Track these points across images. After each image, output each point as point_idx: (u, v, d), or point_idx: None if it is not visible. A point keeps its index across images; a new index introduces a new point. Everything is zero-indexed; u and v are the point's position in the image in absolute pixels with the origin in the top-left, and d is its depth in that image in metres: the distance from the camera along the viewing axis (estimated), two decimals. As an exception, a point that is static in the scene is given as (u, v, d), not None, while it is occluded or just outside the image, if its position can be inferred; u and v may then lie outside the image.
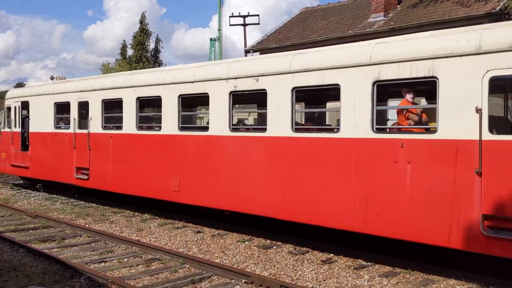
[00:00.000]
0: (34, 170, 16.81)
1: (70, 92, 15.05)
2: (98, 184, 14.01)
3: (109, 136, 13.47)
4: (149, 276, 8.01)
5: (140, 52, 54.00)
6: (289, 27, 24.17)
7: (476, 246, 6.87)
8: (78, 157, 14.60)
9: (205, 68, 11.33)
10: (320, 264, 8.63)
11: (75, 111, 14.81)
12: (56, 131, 15.64)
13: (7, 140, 18.40)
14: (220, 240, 10.47)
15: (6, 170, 18.81)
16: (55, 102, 15.66)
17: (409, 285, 7.50)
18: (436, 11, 18.04)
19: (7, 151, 18.43)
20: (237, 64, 10.61)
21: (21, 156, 17.40)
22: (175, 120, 11.60)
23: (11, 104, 18.08)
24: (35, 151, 16.68)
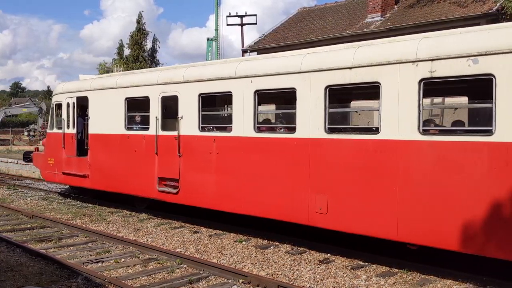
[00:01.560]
0: (95, 179, 13.97)
1: (150, 85, 12.27)
2: (193, 199, 11.25)
3: (211, 140, 10.71)
4: (146, 276, 8.01)
5: (137, 52, 53.86)
6: (286, 27, 24.19)
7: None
8: (161, 165, 11.85)
9: (375, 48, 8.43)
10: (318, 264, 8.64)
11: (157, 108, 12.00)
12: (128, 133, 12.82)
13: (57, 143, 15.37)
14: (217, 240, 10.47)
15: (56, 179, 15.76)
16: (126, 98, 12.88)
17: (406, 285, 7.51)
18: (433, 11, 18.07)
19: (56, 156, 15.42)
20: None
21: (76, 162, 14.56)
22: (318, 119, 8.84)
23: (63, 100, 15.27)
24: (96, 157, 13.92)
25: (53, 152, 15.62)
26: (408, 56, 7.62)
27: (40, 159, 16.62)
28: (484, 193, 6.85)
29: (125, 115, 12.98)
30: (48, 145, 16.21)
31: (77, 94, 14.77)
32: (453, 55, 7.14)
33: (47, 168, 15.91)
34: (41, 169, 16.60)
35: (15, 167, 26.57)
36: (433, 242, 7.38)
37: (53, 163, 15.56)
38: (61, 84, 16.03)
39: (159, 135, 11.96)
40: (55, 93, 16.07)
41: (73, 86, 15.27)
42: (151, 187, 12.17)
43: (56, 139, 15.51)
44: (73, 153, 14.73)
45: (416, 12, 18.78)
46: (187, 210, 12.43)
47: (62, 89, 15.66)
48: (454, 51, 7.15)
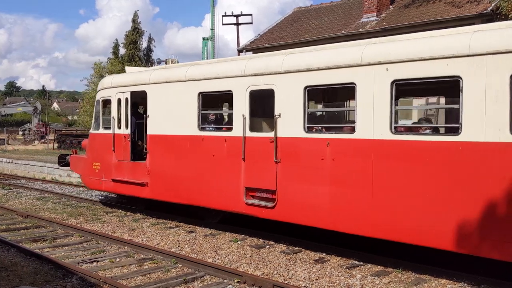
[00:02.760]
0: (157, 189, 11.86)
1: (233, 76, 10.28)
2: (297, 216, 9.17)
3: (323, 143, 8.68)
4: (141, 276, 8.00)
5: (133, 51, 53.70)
6: (282, 27, 24.20)
7: None
8: (250, 173, 9.85)
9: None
10: (313, 264, 8.65)
11: (243, 105, 9.99)
12: (203, 134, 10.79)
13: (105, 145, 13.28)
14: (212, 239, 10.46)
15: (103, 186, 13.57)
16: (200, 93, 10.85)
17: (401, 284, 7.53)
18: (428, 11, 18.13)
19: (104, 160, 13.39)
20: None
21: (131, 168, 12.54)
22: (502, 116, 6.78)
23: (112, 96, 13.20)
24: (158, 162, 11.80)
25: (99, 156, 13.55)
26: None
27: (81, 164, 14.58)
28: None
29: (198, 113, 10.89)
30: (92, 147, 14.04)
31: (131, 88, 12.64)
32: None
33: (91, 174, 13.81)
34: (83, 175, 14.48)
35: (10, 166, 26.48)
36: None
37: (99, 169, 13.48)
38: (110, 77, 13.98)
39: (247, 137, 9.90)
40: (102, 88, 13.80)
41: (127, 79, 13.08)
42: (235, 199, 10.09)
43: (103, 141, 13.40)
44: (126, 157, 12.69)
45: (411, 12, 18.84)
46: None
47: (111, 82, 13.40)
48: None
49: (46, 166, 23.81)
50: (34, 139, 52.49)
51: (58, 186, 19.84)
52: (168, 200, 11.81)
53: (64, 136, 40.95)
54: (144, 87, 12.29)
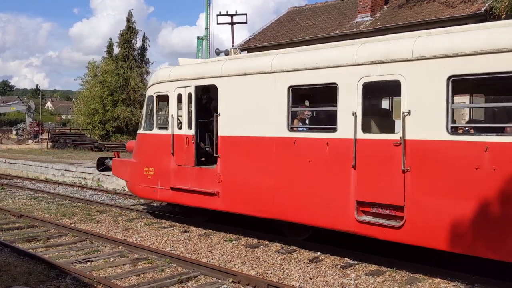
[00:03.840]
0: (231, 199, 10.09)
1: (339, 66, 8.45)
2: (438, 240, 7.32)
3: (479, 148, 6.89)
4: (135, 276, 7.98)
5: (127, 50, 53.63)
6: (276, 27, 24.20)
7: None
8: (364, 184, 8.08)
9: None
10: (307, 263, 8.66)
11: (353, 100, 8.22)
12: (295, 136, 9.05)
13: (160, 148, 11.51)
14: (207, 239, 10.45)
15: (157, 195, 11.73)
16: (290, 86, 9.09)
17: (395, 284, 7.55)
18: (423, 11, 18.19)
19: (159, 165, 11.53)
20: None
21: (195, 175, 10.77)
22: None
23: (170, 90, 11.40)
24: (232, 168, 10.05)
25: (153, 160, 11.72)
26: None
27: (127, 169, 12.69)
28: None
29: (288, 111, 9.15)
30: (142, 150, 12.19)
31: (196, 82, 10.86)
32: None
33: (142, 180, 11.93)
34: (131, 182, 12.50)
35: (3, 166, 26.34)
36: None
37: (152, 175, 11.66)
38: (167, 70, 11.88)
39: (360, 140, 8.12)
40: (156, 81, 11.91)
41: (190, 71, 11.15)
42: (341, 215, 8.36)
43: (158, 143, 11.63)
44: (189, 162, 10.90)
45: (405, 12, 18.89)
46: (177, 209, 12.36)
47: (169, 75, 11.49)
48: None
49: (40, 165, 23.71)
50: (27, 138, 52.29)
51: (52, 185, 19.76)
52: (245, 213, 10.00)
53: (58, 136, 40.78)
54: (213, 80, 10.49)
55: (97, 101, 49.09)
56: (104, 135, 49.50)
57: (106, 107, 49.19)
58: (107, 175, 19.35)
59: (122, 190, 18.23)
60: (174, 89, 11.32)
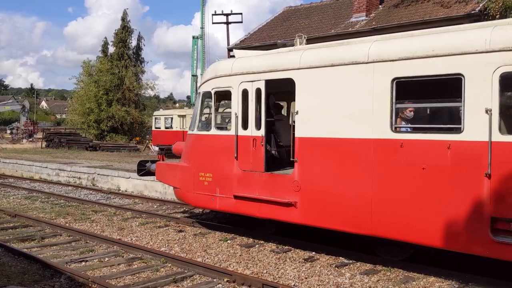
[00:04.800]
0: (313, 211, 8.71)
1: (464, 53, 7.08)
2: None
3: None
4: (130, 276, 7.96)
5: (122, 50, 53.58)
6: (272, 26, 24.21)
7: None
8: (500, 197, 6.75)
9: None
10: (302, 262, 8.67)
11: (487, 94, 6.84)
12: (402, 138, 7.64)
13: (220, 151, 10.20)
14: (202, 239, 10.45)
15: (217, 204, 10.29)
16: (395, 79, 7.70)
17: (390, 283, 7.57)
18: (417, 11, 18.23)
19: (219, 170, 10.20)
20: None
21: (265, 181, 9.45)
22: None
23: (233, 86, 9.97)
24: (315, 174, 8.68)
25: (211, 165, 10.35)
26: None
27: (177, 174, 11.25)
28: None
29: (392, 108, 7.73)
30: (196, 153, 10.78)
31: (267, 75, 9.49)
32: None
33: (197, 187, 10.56)
34: (182, 188, 11.03)
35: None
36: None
37: (210, 181, 10.33)
38: (228, 62, 10.46)
39: (496, 142, 6.73)
40: (214, 76, 10.44)
41: (258, 63, 9.72)
42: (471, 235, 6.97)
43: (217, 145, 10.30)
44: (257, 166, 9.54)
45: (400, 12, 18.94)
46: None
47: (231, 69, 10.10)
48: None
49: (34, 165, 23.62)
50: (22, 137, 52.09)
51: (47, 185, 19.70)
52: (331, 228, 8.58)
53: (52, 135, 40.67)
54: (289, 73, 9.09)
55: (92, 101, 49.01)
56: (99, 134, 49.43)
57: (101, 106, 49.11)
58: (104, 174, 19.35)
59: (117, 189, 18.20)
60: (238, 84, 9.88)
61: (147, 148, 38.93)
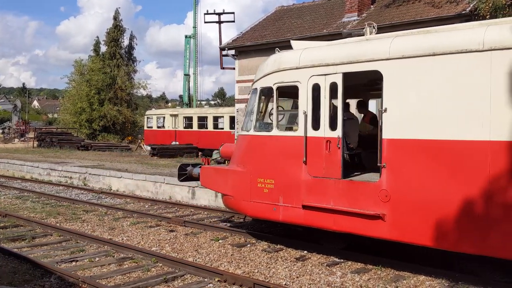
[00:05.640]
0: (406, 225, 7.45)
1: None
2: None
3: None
4: (121, 275, 7.93)
5: (114, 49, 53.36)
6: (264, 26, 24.20)
7: None
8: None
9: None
10: (294, 262, 8.68)
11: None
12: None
13: (284, 154, 9.00)
14: (193, 238, 10.43)
15: (279, 215, 9.03)
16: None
17: (381, 281, 7.60)
18: (409, 11, 18.30)
19: (282, 176, 8.99)
20: None
21: (343, 190, 8.21)
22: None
23: (301, 80, 8.77)
24: (407, 182, 7.46)
25: (271, 169, 9.12)
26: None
27: (228, 179, 9.97)
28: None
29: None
30: (252, 156, 9.54)
31: (345, 67, 8.25)
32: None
33: (254, 195, 9.32)
34: (234, 195, 9.74)
35: (-12, 165, 26.04)
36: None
37: (271, 188, 9.10)
38: (294, 53, 9.09)
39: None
40: (276, 69, 9.20)
41: (334, 53, 8.50)
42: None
43: (279, 147, 9.08)
44: (332, 172, 8.32)
45: (392, 12, 18.99)
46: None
47: (299, 61, 8.84)
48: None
49: (26, 164, 23.49)
50: (14, 137, 51.80)
51: (38, 185, 19.59)
52: (433, 246, 7.31)
53: (44, 134, 40.42)
54: (375, 64, 7.87)
55: (84, 100, 48.78)
56: (90, 134, 49.20)
57: (93, 105, 48.89)
58: (95, 174, 19.27)
59: (108, 189, 18.14)
60: (307, 78, 8.65)
61: (139, 148, 38.84)
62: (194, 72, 52.98)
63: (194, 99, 53.95)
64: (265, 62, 9.56)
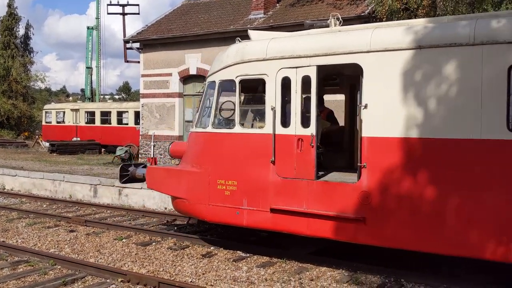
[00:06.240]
0: (391, 229, 7.01)
1: None
2: None
3: None
4: (15, 280, 7.41)
5: (8, 38, 50.05)
6: (171, 19, 23.78)
7: None
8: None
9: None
10: (200, 258, 8.63)
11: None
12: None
13: (250, 153, 8.29)
14: (95, 238, 10.01)
15: (243, 220, 8.29)
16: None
17: (285, 274, 7.77)
18: (312, 11, 18.87)
19: (246, 176, 8.25)
20: None
21: (316, 191, 7.64)
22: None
23: (269, 73, 8.09)
24: (392, 184, 7.01)
25: (234, 170, 8.37)
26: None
27: (181, 181, 9.05)
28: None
29: (509, 100, 6.39)
30: (211, 155, 8.68)
31: (320, 60, 7.68)
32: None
33: (214, 198, 8.51)
34: (189, 199, 8.86)
35: None
36: None
37: (233, 190, 8.33)
38: (260, 44, 8.34)
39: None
40: (239, 61, 8.44)
41: (308, 45, 7.87)
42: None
43: (243, 145, 8.35)
44: (305, 173, 7.71)
45: (296, 11, 19.49)
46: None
47: (266, 52, 8.15)
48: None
49: None
50: None
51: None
52: (426, 251, 6.97)
53: None
54: (354, 57, 7.39)
55: (-26, 92, 45.18)
56: (-18, 129, 45.68)
57: (-15, 99, 45.43)
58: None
59: (1, 188, 16.93)
60: (276, 70, 7.99)
61: (37, 144, 36.69)
62: (97, 65, 51.02)
63: (97, 93, 51.95)
64: (225, 53, 8.78)
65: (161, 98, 21.65)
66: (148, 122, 22.01)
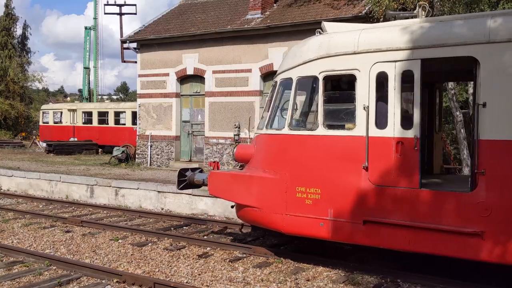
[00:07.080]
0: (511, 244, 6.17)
1: None
2: None
3: None
4: (9, 281, 7.37)
5: (5, 38, 49.95)
6: (168, 19, 23.75)
7: None
8: None
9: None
10: (196, 259, 8.60)
11: None
12: None
13: (336, 157, 7.39)
14: (91, 239, 9.98)
15: (329, 233, 7.41)
16: None
17: (281, 274, 7.75)
18: (309, 11, 18.86)
19: (332, 184, 7.39)
20: None
21: (422, 202, 6.76)
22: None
23: (361, 67, 7.23)
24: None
25: (315, 176, 7.51)
26: None
27: (252, 188, 8.20)
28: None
29: None
30: (288, 160, 7.81)
31: (424, 52, 6.82)
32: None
33: (292, 207, 7.69)
34: (262, 207, 8.02)
35: None
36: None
37: (316, 199, 7.47)
38: (350, 35, 7.49)
39: None
40: (323, 55, 7.57)
41: (408, 36, 6.95)
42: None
43: (327, 149, 7.47)
44: (406, 180, 6.87)
45: (293, 11, 19.47)
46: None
47: (357, 44, 7.30)
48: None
49: None
50: None
51: None
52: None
53: None
54: (467, 49, 6.50)
55: (-29, 93, 45.09)
56: (-22, 129, 45.58)
57: (-18, 99, 45.35)
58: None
59: (-2, 189, 16.87)
60: (370, 65, 7.15)
61: (34, 144, 36.60)
62: (95, 65, 50.80)
63: (95, 93, 51.80)
64: (304, 46, 7.89)
65: (158, 98, 21.63)
66: (145, 122, 21.98)
